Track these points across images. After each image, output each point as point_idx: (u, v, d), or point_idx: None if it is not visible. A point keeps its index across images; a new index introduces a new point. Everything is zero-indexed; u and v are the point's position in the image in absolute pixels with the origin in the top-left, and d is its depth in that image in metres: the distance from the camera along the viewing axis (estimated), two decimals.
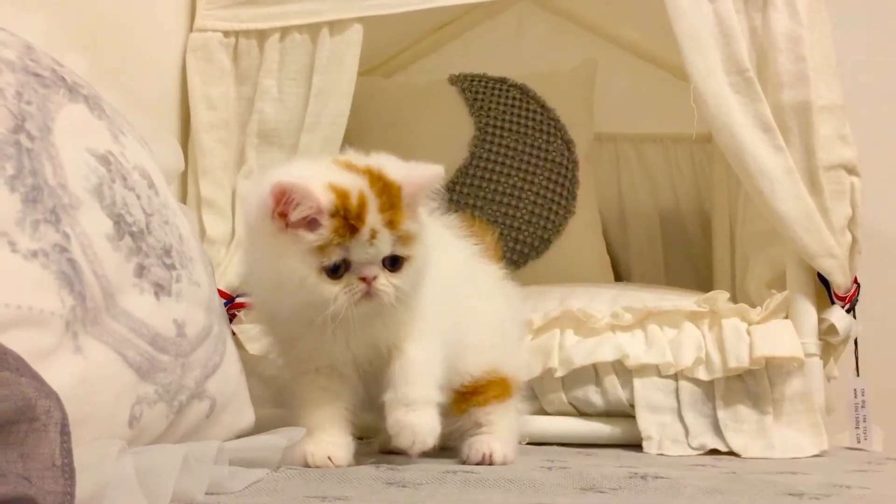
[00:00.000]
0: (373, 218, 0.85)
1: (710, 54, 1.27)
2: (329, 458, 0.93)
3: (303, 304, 0.87)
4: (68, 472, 0.59)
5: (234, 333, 1.35)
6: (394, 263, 0.88)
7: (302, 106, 1.39)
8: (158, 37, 1.42)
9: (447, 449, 1.14)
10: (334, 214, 0.83)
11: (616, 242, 1.94)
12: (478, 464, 1.00)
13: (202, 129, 1.39)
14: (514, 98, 1.82)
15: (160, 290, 0.79)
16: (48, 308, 0.66)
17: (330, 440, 0.95)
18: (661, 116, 1.92)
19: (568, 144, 1.80)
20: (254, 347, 1.28)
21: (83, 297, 0.69)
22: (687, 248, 1.94)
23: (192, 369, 0.82)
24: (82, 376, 0.68)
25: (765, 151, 1.24)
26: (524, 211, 1.72)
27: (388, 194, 0.86)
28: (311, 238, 0.84)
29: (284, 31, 1.40)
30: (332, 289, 0.85)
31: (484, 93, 1.82)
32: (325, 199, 0.83)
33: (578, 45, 1.98)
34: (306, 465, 0.92)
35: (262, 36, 1.41)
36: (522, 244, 1.71)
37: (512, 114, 1.80)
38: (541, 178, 1.75)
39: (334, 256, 0.84)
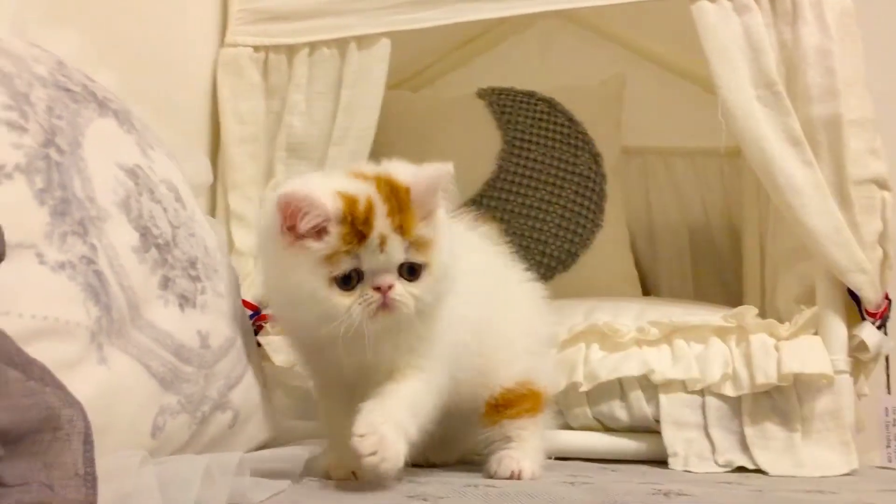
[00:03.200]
0: (381, 223, 0.81)
1: (738, 68, 1.26)
2: (353, 472, 0.92)
3: (317, 318, 0.83)
4: (90, 480, 0.60)
5: (260, 345, 1.37)
6: (411, 272, 0.84)
7: (330, 120, 1.40)
8: (190, 52, 1.44)
9: (471, 463, 1.14)
10: (342, 221, 0.80)
11: (644, 256, 1.93)
12: (507, 479, 1.00)
13: (232, 144, 1.41)
14: (541, 111, 1.82)
15: (185, 301, 0.80)
16: (74, 319, 0.67)
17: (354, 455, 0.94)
18: (690, 130, 1.91)
19: (596, 158, 1.80)
20: (280, 359, 1.29)
21: (109, 309, 0.70)
22: (716, 263, 1.92)
23: (216, 380, 0.83)
24: (106, 387, 0.69)
25: (794, 165, 1.23)
26: (551, 224, 1.72)
27: (397, 197, 0.83)
28: (319, 247, 0.80)
29: (313, 46, 1.42)
30: (345, 301, 0.81)
31: (511, 106, 1.83)
32: (332, 206, 0.80)
33: (606, 58, 1.98)
34: (328, 479, 0.92)
35: (291, 51, 1.43)
36: (549, 258, 1.71)
37: (539, 127, 1.80)
38: (568, 191, 1.75)
39: (343, 265, 0.81)
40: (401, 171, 0.87)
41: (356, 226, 0.80)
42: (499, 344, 1.03)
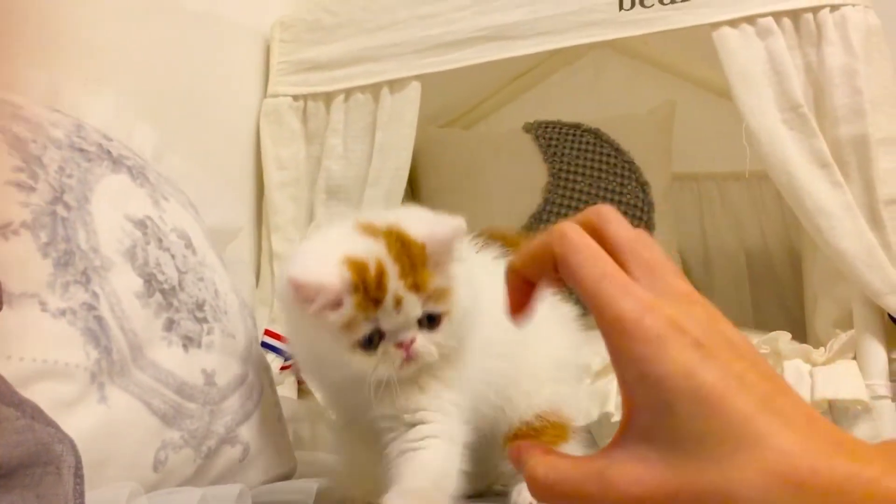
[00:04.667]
0: (394, 285, 0.80)
1: (762, 92, 1.26)
2: None
3: (344, 379, 0.85)
4: None
5: (302, 381, 1.42)
6: (431, 321, 0.84)
7: (366, 161, 1.46)
8: (235, 105, 1.53)
9: (500, 494, 1.15)
10: (354, 291, 0.79)
11: (700, 284, 1.90)
12: None
13: (274, 188, 1.48)
14: (587, 143, 1.84)
15: (189, 342, 0.85)
16: (73, 361, 0.73)
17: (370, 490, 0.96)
18: (745, 153, 1.88)
19: (643, 187, 1.79)
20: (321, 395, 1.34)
21: (109, 351, 0.76)
22: (776, 289, 1.88)
23: (223, 416, 0.88)
24: (105, 423, 0.74)
25: (821, 188, 1.21)
26: None
27: (409, 256, 0.82)
28: (336, 318, 0.80)
29: (348, 93, 1.48)
30: (370, 361, 0.81)
31: (557, 139, 1.85)
32: (341, 281, 0.79)
33: (657, 86, 1.98)
34: None
35: (328, 98, 1.50)
36: None
37: (585, 158, 1.82)
38: None
39: (363, 330, 0.81)
40: (414, 224, 0.85)
41: (369, 293, 0.80)
42: (520, 376, 1.04)
